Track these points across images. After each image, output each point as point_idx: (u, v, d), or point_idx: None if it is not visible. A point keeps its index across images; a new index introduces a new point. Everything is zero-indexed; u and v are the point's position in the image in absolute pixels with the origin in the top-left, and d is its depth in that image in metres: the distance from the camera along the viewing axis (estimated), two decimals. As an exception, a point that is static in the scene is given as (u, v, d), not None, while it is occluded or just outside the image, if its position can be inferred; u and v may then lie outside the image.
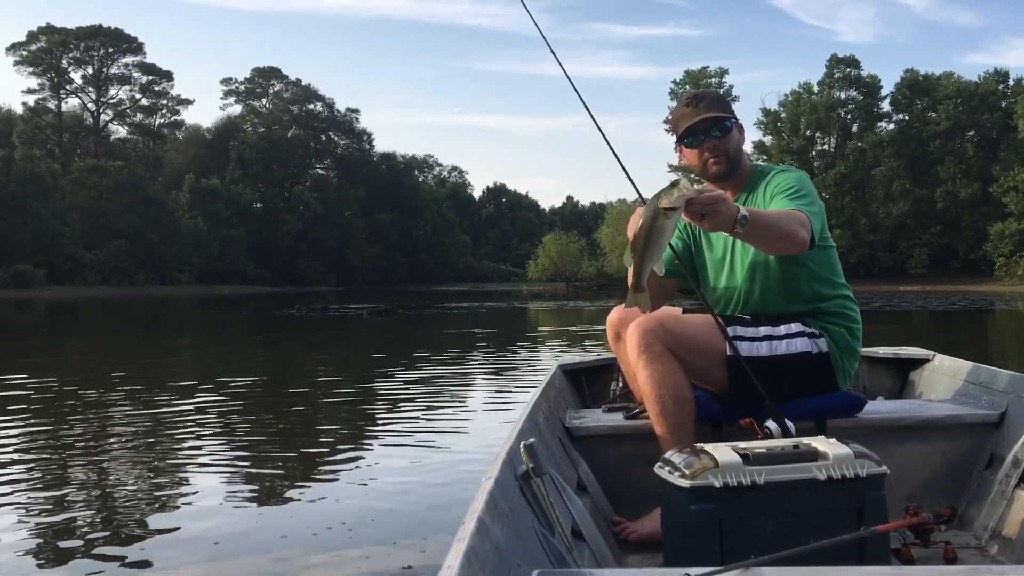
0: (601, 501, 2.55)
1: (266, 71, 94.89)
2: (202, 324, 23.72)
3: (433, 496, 3.86)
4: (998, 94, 66.14)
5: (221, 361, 11.73)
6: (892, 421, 2.64)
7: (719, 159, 2.62)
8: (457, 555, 1.26)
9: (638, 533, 2.39)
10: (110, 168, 67.21)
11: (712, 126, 2.61)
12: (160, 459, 4.89)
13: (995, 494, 2.40)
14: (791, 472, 1.87)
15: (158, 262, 66.50)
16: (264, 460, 4.83)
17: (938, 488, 2.57)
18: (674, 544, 1.97)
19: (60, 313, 29.40)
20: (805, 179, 2.59)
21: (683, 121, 2.65)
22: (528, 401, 2.60)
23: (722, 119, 2.61)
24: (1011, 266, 56.80)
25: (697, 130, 2.62)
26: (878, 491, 1.90)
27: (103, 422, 6.17)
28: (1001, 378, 2.76)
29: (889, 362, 3.56)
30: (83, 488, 4.18)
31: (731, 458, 1.87)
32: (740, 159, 2.67)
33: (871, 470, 1.89)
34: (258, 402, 7.31)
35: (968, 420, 2.65)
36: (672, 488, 1.91)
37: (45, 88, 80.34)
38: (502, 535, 1.49)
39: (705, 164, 2.64)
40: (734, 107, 2.76)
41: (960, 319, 21.29)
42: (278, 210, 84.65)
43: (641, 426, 2.60)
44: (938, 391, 3.19)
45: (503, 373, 9.21)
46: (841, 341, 2.59)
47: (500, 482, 1.69)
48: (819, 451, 1.92)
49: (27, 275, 53.82)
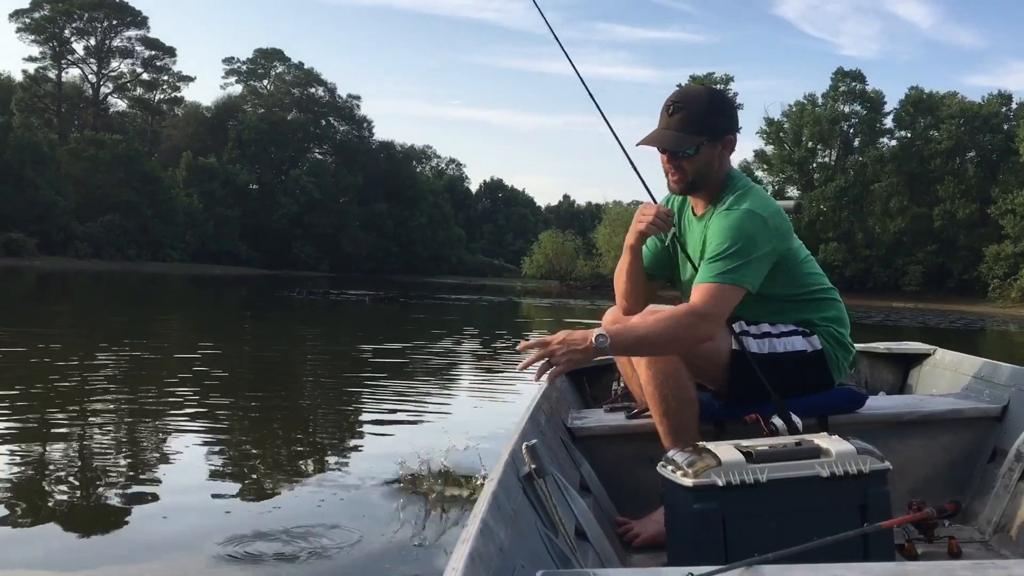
0: (604, 501, 2.54)
1: (269, 52, 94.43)
2: (202, 304, 23.49)
3: (432, 493, 3.77)
4: (1000, 116, 66.33)
5: (235, 348, 11.53)
6: (894, 417, 2.63)
7: (678, 177, 2.51)
8: (461, 557, 1.26)
9: (642, 536, 2.37)
10: (108, 141, 66.70)
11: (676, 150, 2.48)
12: (151, 439, 4.71)
13: (998, 488, 2.40)
14: (794, 469, 1.87)
15: (151, 238, 66.08)
16: (265, 457, 4.66)
17: (941, 483, 2.57)
18: (678, 543, 1.98)
19: (50, 284, 29.08)
20: (748, 224, 2.39)
21: (659, 122, 2.52)
22: (530, 402, 2.55)
23: (688, 145, 2.44)
24: (1005, 288, 56.93)
25: (658, 146, 2.50)
26: (881, 487, 1.91)
27: (85, 405, 5.98)
28: (1003, 372, 2.74)
29: (890, 357, 3.54)
30: (60, 471, 3.98)
31: (734, 456, 1.87)
32: (708, 176, 2.50)
33: (874, 466, 1.89)
34: (268, 390, 7.14)
35: (970, 414, 2.64)
36: (675, 487, 1.91)
37: (46, 57, 79.77)
38: (506, 536, 1.49)
39: (666, 174, 2.55)
40: (738, 115, 2.62)
41: (956, 335, 21.31)
42: (274, 192, 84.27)
43: (643, 426, 2.60)
44: (940, 386, 3.17)
45: (506, 369, 9.05)
46: (831, 337, 2.56)
47: (503, 483, 1.68)
48: (821, 448, 1.92)
49: (18, 243, 53.31)
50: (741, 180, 2.55)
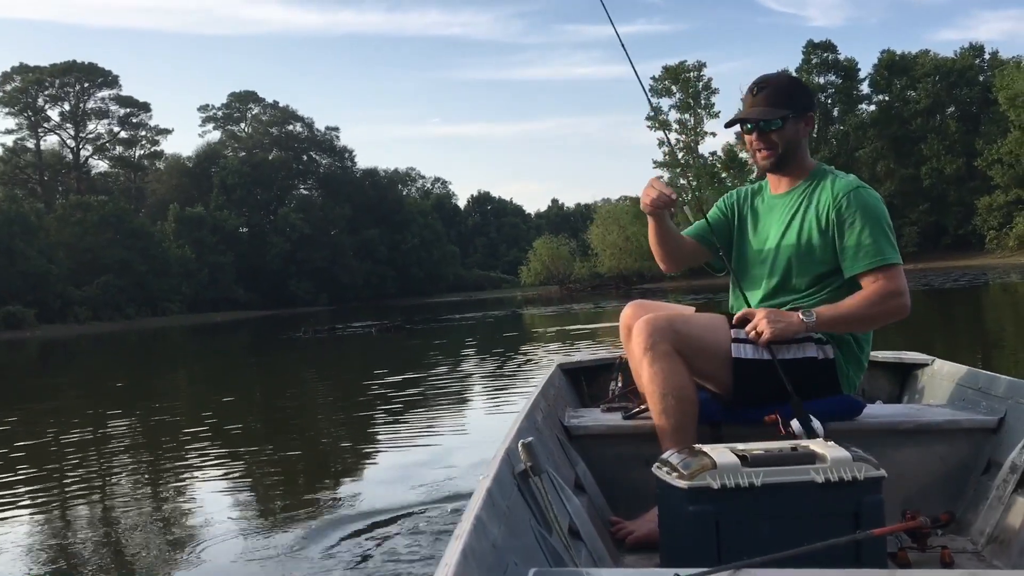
0: (599, 500, 2.55)
1: (242, 95, 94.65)
2: (207, 355, 23.43)
3: (434, 494, 3.84)
4: (975, 69, 66.49)
5: (251, 398, 11.49)
6: (891, 425, 2.65)
7: (767, 152, 2.63)
8: (454, 553, 1.27)
9: (635, 535, 2.37)
10: (94, 203, 66.74)
11: (764, 122, 2.62)
12: (171, 487, 4.67)
13: (992, 499, 2.40)
14: (789, 474, 1.87)
15: (148, 294, 66.06)
16: (267, 465, 4.62)
17: (935, 492, 2.58)
18: (671, 544, 1.98)
19: (52, 352, 29.05)
20: (874, 200, 2.57)
21: (743, 106, 2.68)
22: (527, 400, 2.61)
23: (775, 116, 2.59)
24: (1001, 238, 56.97)
25: (747, 119, 2.63)
26: (875, 495, 1.91)
27: (101, 468, 5.94)
28: (1000, 383, 2.75)
29: (888, 366, 3.55)
30: (83, 533, 3.97)
31: (729, 459, 1.88)
32: (795, 152, 2.65)
33: (869, 473, 1.90)
34: (292, 438, 7.09)
35: (966, 425, 2.65)
36: (669, 488, 1.92)
37: (23, 127, 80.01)
38: (499, 533, 1.49)
39: (755, 153, 2.67)
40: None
41: (962, 296, 21.24)
42: (264, 233, 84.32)
43: (639, 426, 2.63)
44: (937, 396, 3.18)
45: (516, 374, 9.01)
46: (848, 350, 2.59)
47: (498, 480, 1.69)
48: (817, 454, 1.93)
49: (17, 316, 53.28)
50: (830, 167, 2.73)
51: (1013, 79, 57.44)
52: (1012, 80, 57.50)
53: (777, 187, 2.72)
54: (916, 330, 10.12)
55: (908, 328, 9.90)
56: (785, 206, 2.66)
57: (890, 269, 2.48)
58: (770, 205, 2.72)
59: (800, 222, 2.59)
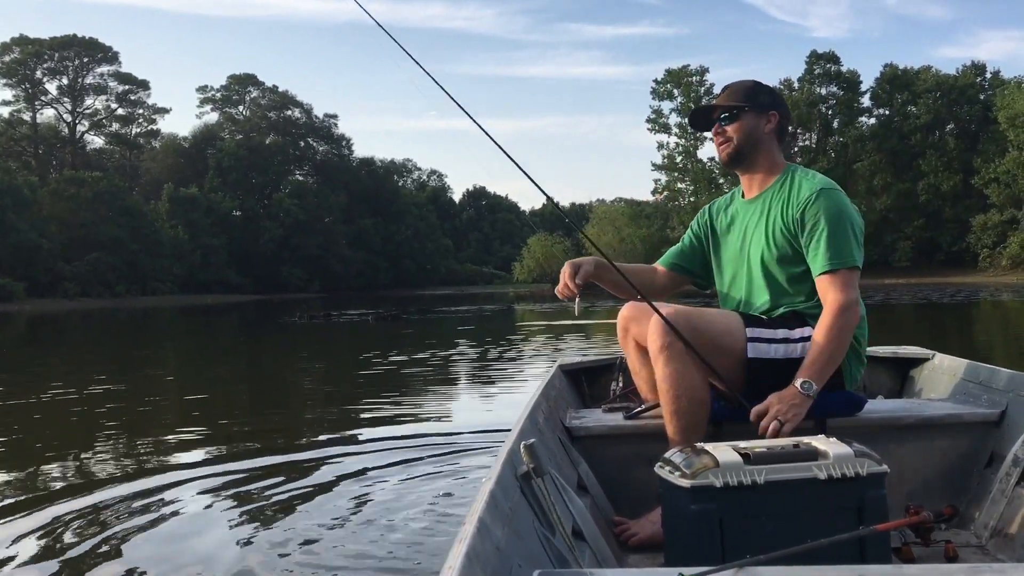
0: (602, 501, 2.56)
1: (242, 78, 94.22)
2: (199, 336, 23.29)
3: (434, 494, 3.80)
4: (976, 87, 66.86)
5: (260, 384, 11.37)
6: (892, 420, 2.64)
7: (723, 143, 2.69)
8: (458, 556, 1.28)
9: (639, 536, 2.37)
10: (88, 179, 66.36)
11: (722, 111, 2.69)
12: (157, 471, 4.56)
13: (995, 493, 2.41)
14: (791, 471, 1.87)
15: (139, 273, 65.77)
16: (263, 464, 4.52)
17: (938, 487, 2.58)
18: (675, 544, 1.98)
19: (41, 327, 28.80)
20: (838, 202, 2.55)
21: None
22: (528, 401, 2.59)
23: (731, 107, 2.67)
24: (995, 257, 57.25)
25: (706, 114, 2.73)
26: (878, 490, 1.91)
27: (89, 459, 5.83)
28: (1001, 376, 2.76)
29: (889, 361, 3.56)
30: (66, 516, 3.83)
31: (731, 457, 1.87)
32: (755, 148, 2.68)
33: (871, 469, 1.90)
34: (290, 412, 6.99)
35: (968, 419, 2.65)
36: (672, 488, 1.92)
37: (20, 99, 79.47)
38: (503, 535, 1.50)
39: (717, 148, 2.73)
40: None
41: (957, 311, 21.31)
42: (258, 217, 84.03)
43: (641, 426, 2.65)
44: (938, 390, 3.19)
45: (520, 372, 8.93)
46: (849, 347, 2.55)
47: (501, 482, 1.69)
48: (819, 450, 1.93)
49: (6, 289, 52.95)
50: (801, 168, 2.71)
51: (1014, 99, 57.74)
52: (1013, 100, 57.79)
53: (749, 190, 2.75)
54: (917, 333, 10.03)
55: (908, 331, 10.32)
56: (757, 210, 2.68)
57: (839, 274, 2.47)
58: (743, 210, 2.74)
59: (772, 224, 2.60)
